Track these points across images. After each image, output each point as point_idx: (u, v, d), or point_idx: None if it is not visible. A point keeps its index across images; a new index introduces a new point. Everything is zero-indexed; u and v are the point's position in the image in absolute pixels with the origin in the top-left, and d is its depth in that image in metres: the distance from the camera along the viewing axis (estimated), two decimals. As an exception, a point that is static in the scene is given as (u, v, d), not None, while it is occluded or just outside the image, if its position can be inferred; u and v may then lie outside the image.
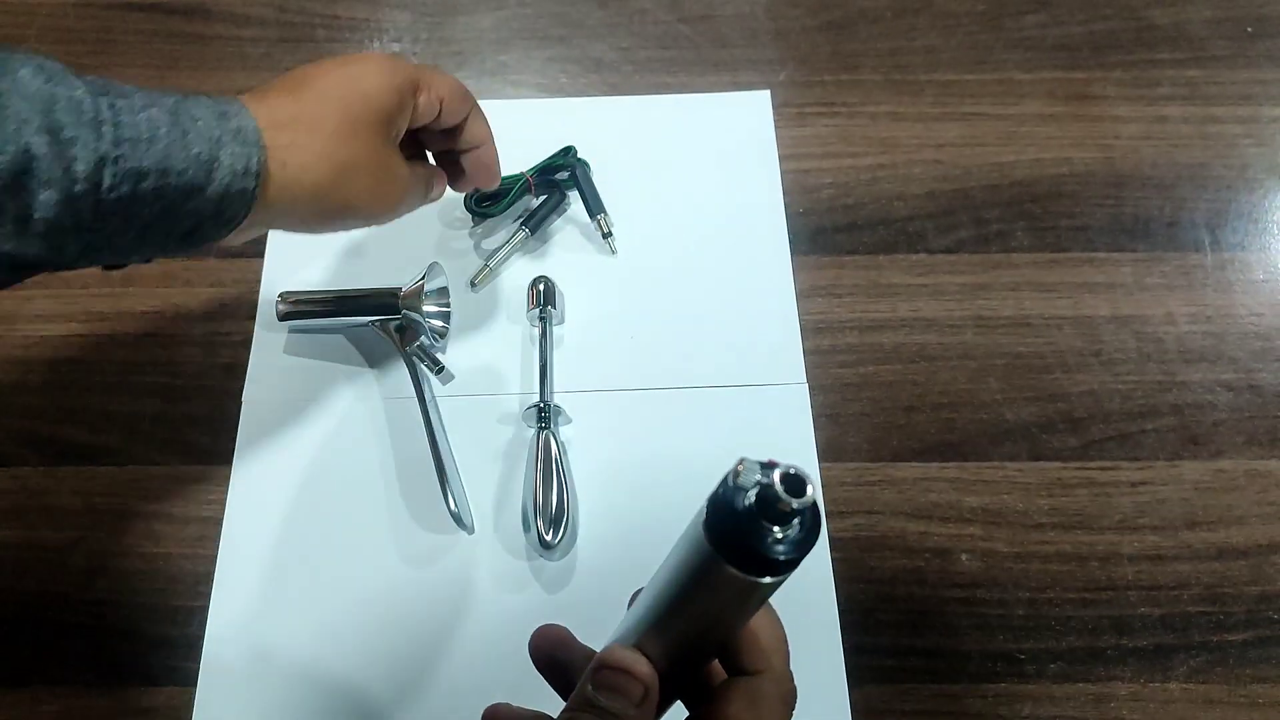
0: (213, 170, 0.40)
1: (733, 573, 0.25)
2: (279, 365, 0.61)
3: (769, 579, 0.25)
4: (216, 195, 0.40)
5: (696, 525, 0.26)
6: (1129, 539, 0.56)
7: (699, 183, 0.68)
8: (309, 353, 0.62)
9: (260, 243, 0.65)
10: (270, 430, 0.59)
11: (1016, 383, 0.61)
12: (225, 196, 0.40)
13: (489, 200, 0.65)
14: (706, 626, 0.29)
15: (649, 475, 0.57)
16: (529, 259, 0.66)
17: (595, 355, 0.62)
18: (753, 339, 0.62)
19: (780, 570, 0.25)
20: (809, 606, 0.54)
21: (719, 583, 0.25)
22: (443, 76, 0.50)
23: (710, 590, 0.26)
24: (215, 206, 0.40)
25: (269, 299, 0.63)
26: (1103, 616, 0.54)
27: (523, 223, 0.65)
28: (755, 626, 0.30)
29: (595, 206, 0.65)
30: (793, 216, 0.67)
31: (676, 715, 0.32)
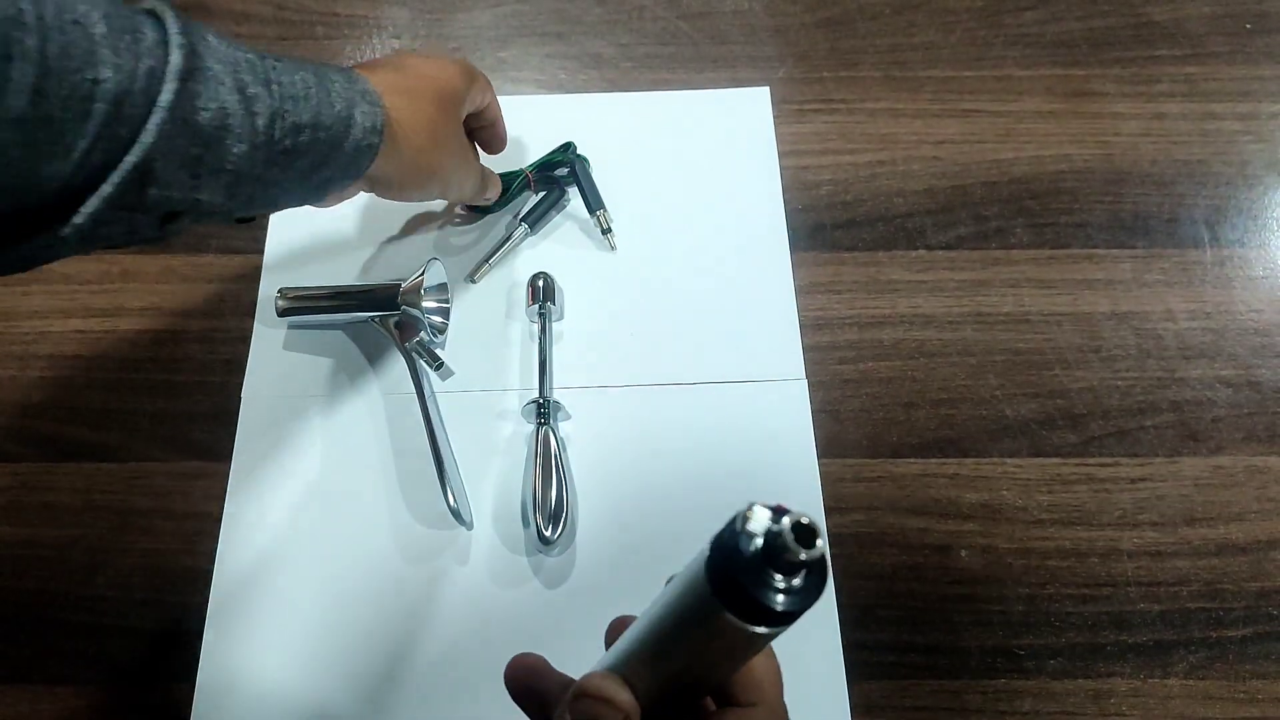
0: (350, 126, 0.45)
1: (731, 619, 0.24)
2: (278, 361, 0.61)
3: (768, 629, 0.24)
4: (351, 149, 0.45)
5: (697, 565, 0.25)
6: (1128, 535, 0.56)
7: (698, 179, 0.68)
8: (308, 349, 0.62)
9: (259, 239, 0.65)
10: (270, 426, 0.59)
11: (1016, 379, 0.61)
12: (358, 150, 0.46)
13: (488, 197, 0.65)
14: (700, 667, 0.28)
15: (648, 471, 0.58)
16: (528, 255, 0.66)
17: (595, 351, 0.62)
18: (752, 335, 0.62)
19: (781, 622, 0.24)
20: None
21: (716, 627, 0.24)
22: (478, 70, 0.57)
23: (706, 633, 0.25)
24: (349, 159, 0.46)
25: (268, 295, 0.63)
26: (1102, 612, 0.54)
27: (522, 219, 0.65)
28: None
29: (595, 203, 0.65)
30: (792, 213, 0.67)
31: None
